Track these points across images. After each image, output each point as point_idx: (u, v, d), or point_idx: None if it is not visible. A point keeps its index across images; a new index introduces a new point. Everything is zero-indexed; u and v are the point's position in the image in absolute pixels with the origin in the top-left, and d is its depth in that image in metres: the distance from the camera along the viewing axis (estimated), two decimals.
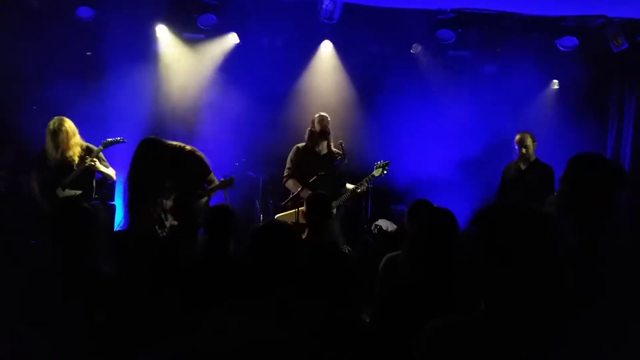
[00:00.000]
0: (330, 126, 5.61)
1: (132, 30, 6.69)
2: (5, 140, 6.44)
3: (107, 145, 5.36)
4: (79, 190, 5.29)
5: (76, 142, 5.21)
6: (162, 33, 7.05)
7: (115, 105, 6.78)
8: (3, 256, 2.70)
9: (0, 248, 2.67)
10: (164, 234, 4.67)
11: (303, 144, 5.70)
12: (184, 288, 2.87)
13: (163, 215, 4.66)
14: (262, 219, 7.13)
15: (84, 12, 6.51)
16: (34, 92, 6.48)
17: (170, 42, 7.14)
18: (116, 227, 6.43)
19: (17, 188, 6.12)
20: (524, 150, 5.57)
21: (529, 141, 5.56)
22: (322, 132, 5.54)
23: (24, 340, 2.28)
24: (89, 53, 6.98)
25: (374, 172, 5.39)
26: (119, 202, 6.69)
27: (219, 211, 3.37)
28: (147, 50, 7.07)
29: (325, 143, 5.60)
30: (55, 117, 5.22)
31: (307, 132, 5.67)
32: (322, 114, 5.68)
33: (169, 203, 4.63)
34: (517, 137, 5.64)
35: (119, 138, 5.32)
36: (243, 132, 7.06)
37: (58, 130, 5.12)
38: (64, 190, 5.20)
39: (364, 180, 5.36)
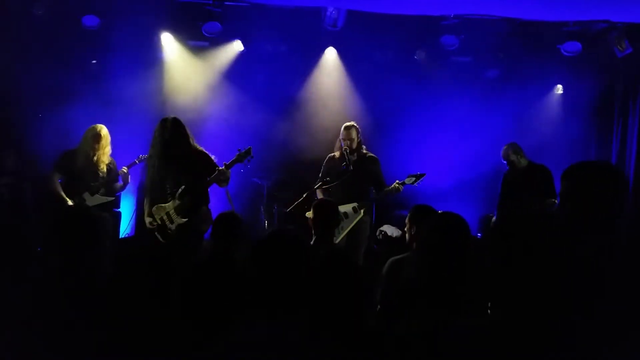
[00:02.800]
0: (357, 134, 5.43)
1: (137, 38, 6.74)
2: (9, 148, 6.47)
3: (142, 160, 5.56)
4: (111, 197, 5.46)
5: (109, 151, 5.35)
6: (167, 41, 7.09)
7: (120, 113, 6.83)
8: (6, 264, 2.71)
9: (3, 255, 2.68)
10: (166, 239, 4.66)
11: (335, 153, 5.58)
12: (187, 294, 2.88)
13: (166, 217, 4.64)
14: (267, 225, 7.15)
15: (90, 21, 6.55)
16: (38, 100, 6.53)
17: (175, 50, 7.19)
18: (122, 235, 6.50)
19: (20, 195, 6.15)
20: (509, 164, 5.88)
21: (512, 156, 5.86)
22: (347, 147, 5.40)
23: (28, 347, 2.30)
24: (94, 61, 7.04)
25: (405, 180, 5.32)
26: (124, 210, 6.73)
27: (226, 218, 3.39)
28: (152, 58, 7.12)
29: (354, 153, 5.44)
30: (98, 124, 5.35)
31: (338, 141, 5.55)
32: (349, 125, 5.49)
33: (174, 203, 4.65)
34: (502, 152, 5.95)
35: None
36: (247, 139, 7.06)
37: (101, 135, 5.23)
38: (92, 195, 5.24)
39: (397, 184, 5.27)
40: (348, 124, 5.51)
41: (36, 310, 2.40)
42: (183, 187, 4.60)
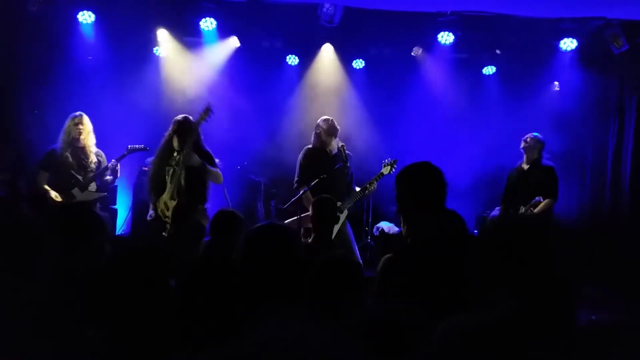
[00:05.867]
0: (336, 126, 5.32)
1: (132, 34, 6.70)
2: (5, 144, 6.44)
3: (131, 151, 5.33)
4: (103, 192, 5.36)
5: (93, 140, 5.23)
6: (163, 37, 7.06)
7: (115, 110, 6.80)
8: (3, 261, 2.69)
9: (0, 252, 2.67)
10: (167, 228, 4.72)
11: (311, 145, 5.41)
12: (186, 291, 2.87)
13: (164, 206, 4.71)
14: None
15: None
16: (34, 96, 6.50)
17: (171, 46, 7.15)
18: (118, 232, 6.48)
19: (17, 191, 6.13)
20: (527, 152, 5.68)
21: (532, 142, 5.66)
22: (329, 131, 5.25)
23: (25, 344, 2.29)
24: (89, 57, 7.00)
25: (382, 171, 5.16)
26: (120, 206, 6.71)
27: (225, 215, 3.39)
28: (147, 55, 7.09)
29: (334, 143, 5.28)
30: (77, 112, 5.21)
31: (314, 134, 5.37)
32: (326, 117, 5.41)
33: (170, 191, 4.72)
34: (525, 138, 5.75)
35: (142, 146, 5.33)
36: (244, 135, 7.08)
37: (81, 123, 5.11)
38: (82, 191, 5.17)
39: (374, 179, 5.15)
40: (330, 117, 5.39)
41: (33, 307, 2.38)
42: (184, 181, 4.70)
